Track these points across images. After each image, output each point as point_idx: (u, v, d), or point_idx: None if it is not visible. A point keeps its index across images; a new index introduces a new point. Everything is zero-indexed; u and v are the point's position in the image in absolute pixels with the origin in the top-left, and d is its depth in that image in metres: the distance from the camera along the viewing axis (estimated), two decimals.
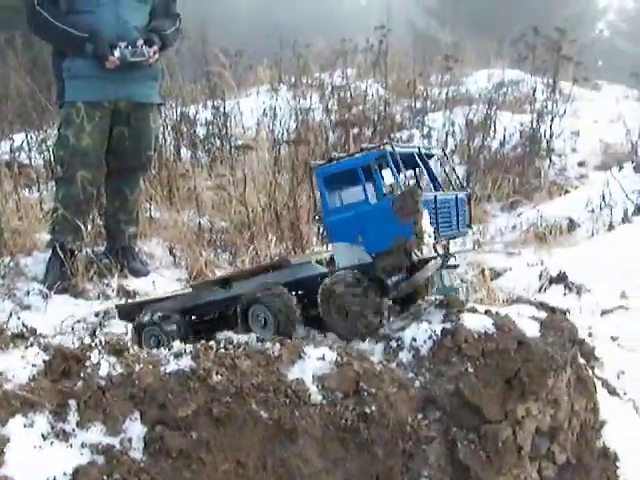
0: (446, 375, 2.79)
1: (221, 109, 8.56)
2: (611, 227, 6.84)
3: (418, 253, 2.97)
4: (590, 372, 3.32)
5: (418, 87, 11.17)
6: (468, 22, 26.98)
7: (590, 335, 3.85)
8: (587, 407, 3.18)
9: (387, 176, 3.13)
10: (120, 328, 4.12)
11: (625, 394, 3.56)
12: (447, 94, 11.05)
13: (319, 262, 3.38)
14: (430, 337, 2.90)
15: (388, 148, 3.07)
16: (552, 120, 9.74)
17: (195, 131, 8.55)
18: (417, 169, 3.36)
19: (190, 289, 3.63)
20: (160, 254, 5.89)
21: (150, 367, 2.70)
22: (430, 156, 3.39)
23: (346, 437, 2.70)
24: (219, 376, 2.66)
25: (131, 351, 2.77)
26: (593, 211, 7.46)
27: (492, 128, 9.53)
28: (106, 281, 5.15)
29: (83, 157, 4.95)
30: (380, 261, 3.03)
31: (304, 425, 2.66)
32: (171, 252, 5.85)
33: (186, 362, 2.70)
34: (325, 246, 5.14)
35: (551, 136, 9.53)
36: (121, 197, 5.44)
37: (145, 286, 5.16)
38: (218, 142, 8.57)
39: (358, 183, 3.11)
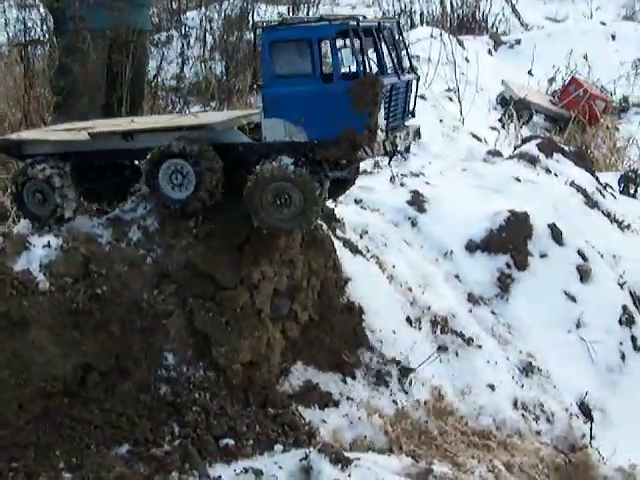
0: (176, 248, 2.81)
1: None
2: None
3: (368, 150, 2.62)
4: (330, 233, 3.44)
5: None
6: None
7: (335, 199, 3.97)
8: (327, 265, 3.30)
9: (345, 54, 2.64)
10: None
11: (369, 251, 3.73)
12: None
13: (241, 128, 2.85)
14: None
15: (352, 22, 2.57)
16: (308, 10, 10.05)
17: None
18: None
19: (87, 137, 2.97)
20: None
21: None
22: (384, 28, 2.89)
23: (79, 320, 2.68)
24: None
25: None
26: None
27: (248, 22, 9.44)
28: None
29: (85, 85, 4.56)
30: (323, 150, 2.65)
31: (34, 314, 2.62)
32: None
33: None
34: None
35: None
36: None
37: None
38: None
39: (309, 56, 2.60)
